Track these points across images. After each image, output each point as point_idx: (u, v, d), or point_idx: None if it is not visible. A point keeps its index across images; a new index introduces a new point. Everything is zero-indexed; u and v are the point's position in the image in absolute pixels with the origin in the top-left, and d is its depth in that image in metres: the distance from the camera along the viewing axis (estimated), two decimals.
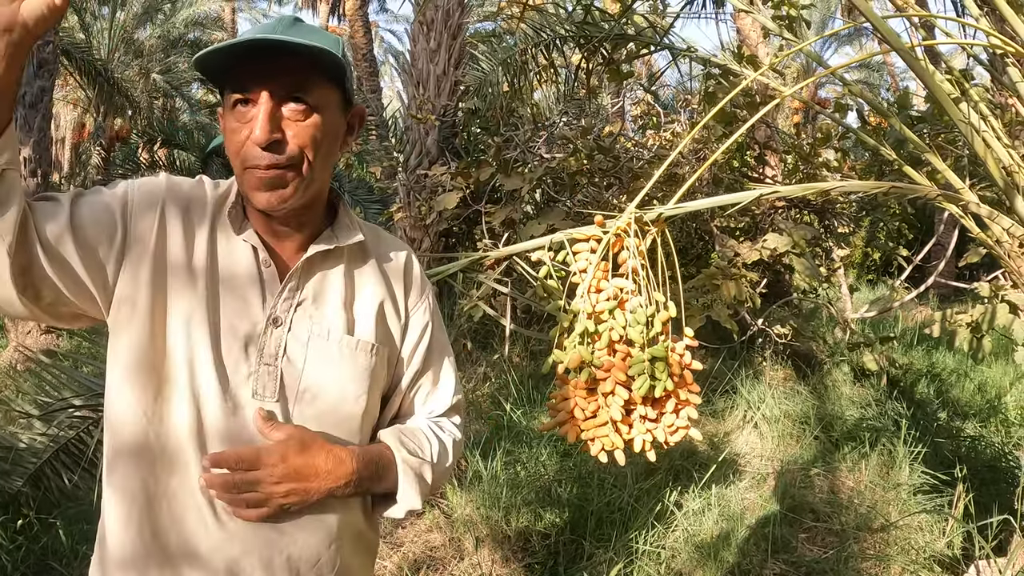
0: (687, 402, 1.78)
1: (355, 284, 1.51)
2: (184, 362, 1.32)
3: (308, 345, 1.41)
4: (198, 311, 1.34)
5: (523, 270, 2.54)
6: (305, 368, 1.40)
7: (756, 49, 9.59)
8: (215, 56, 1.29)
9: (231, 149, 1.35)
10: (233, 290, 1.38)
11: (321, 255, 1.45)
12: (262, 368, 1.37)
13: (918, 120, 4.65)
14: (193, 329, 1.33)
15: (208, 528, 1.33)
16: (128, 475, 1.33)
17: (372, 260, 1.54)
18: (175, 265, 1.35)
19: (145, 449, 1.32)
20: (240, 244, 1.41)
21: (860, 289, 14.86)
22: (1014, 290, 4.10)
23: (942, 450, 5.37)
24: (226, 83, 1.35)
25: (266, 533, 1.36)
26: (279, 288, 1.41)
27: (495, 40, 9.52)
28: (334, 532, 1.44)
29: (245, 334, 1.37)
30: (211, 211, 1.42)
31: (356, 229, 1.51)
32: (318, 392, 1.41)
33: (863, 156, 10.43)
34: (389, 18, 58.20)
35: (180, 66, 19.75)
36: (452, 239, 8.93)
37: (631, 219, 1.85)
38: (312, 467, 1.33)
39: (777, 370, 7.47)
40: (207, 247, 1.38)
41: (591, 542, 4.03)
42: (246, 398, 1.36)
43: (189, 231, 1.38)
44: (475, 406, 6.33)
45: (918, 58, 2.33)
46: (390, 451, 1.49)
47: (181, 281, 1.35)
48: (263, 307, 1.40)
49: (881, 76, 27.41)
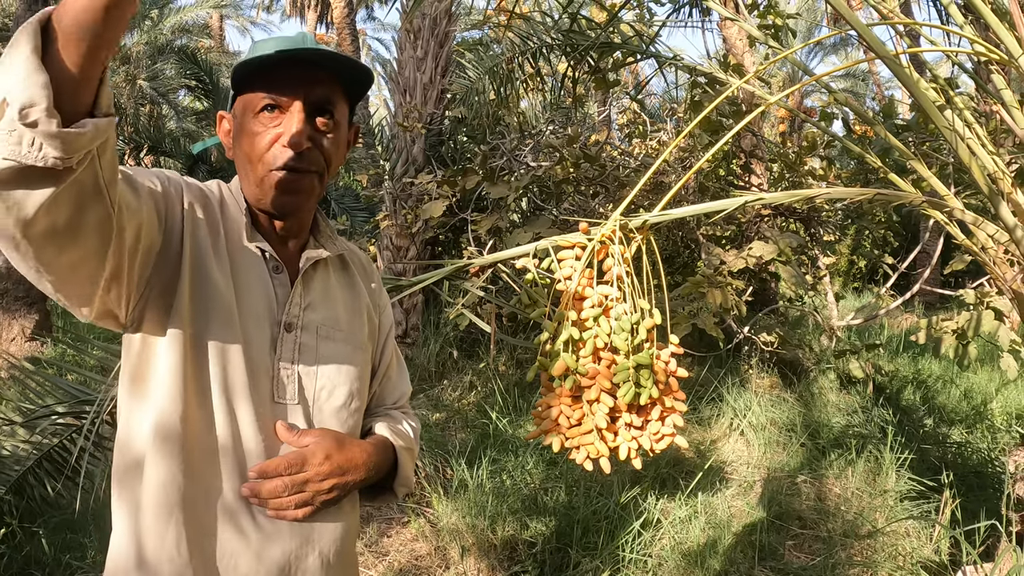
0: (673, 409, 1.77)
1: (344, 288, 1.58)
2: (219, 371, 1.34)
3: (319, 347, 1.47)
4: (228, 319, 1.36)
5: (508, 278, 2.53)
6: (319, 369, 1.46)
7: (742, 58, 9.62)
8: (254, 63, 1.36)
9: (251, 151, 1.40)
10: (250, 296, 1.41)
11: (314, 255, 1.51)
12: (282, 372, 1.41)
13: (903, 128, 4.67)
14: (225, 336, 1.35)
15: (246, 533, 1.36)
16: (158, 484, 1.31)
17: (351, 266, 1.63)
18: (204, 272, 1.37)
19: (180, 456, 1.32)
20: (248, 250, 1.43)
21: (846, 297, 14.92)
22: (999, 296, 4.13)
23: (928, 456, 5.38)
24: (252, 87, 1.40)
25: (300, 531, 1.41)
26: (290, 293, 1.45)
27: (482, 48, 9.52)
28: (348, 523, 1.52)
29: (266, 340, 1.41)
30: (218, 216, 1.45)
31: (335, 237, 1.60)
32: (332, 390, 1.48)
33: (849, 165, 10.49)
34: (376, 26, 58.50)
35: (167, 73, 19.71)
36: (438, 247, 8.93)
37: (616, 226, 1.85)
38: (351, 461, 1.43)
39: (763, 378, 7.47)
40: (227, 253, 1.41)
41: (577, 550, 4.01)
42: (268, 402, 1.40)
43: (212, 237, 1.41)
44: (461, 415, 6.31)
45: (903, 66, 2.34)
46: (388, 441, 1.58)
47: (212, 286, 1.36)
48: (277, 312, 1.43)
49: (867, 85, 27.61)
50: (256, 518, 1.37)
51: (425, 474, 4.81)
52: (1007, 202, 2.76)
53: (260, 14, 34.13)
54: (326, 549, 1.45)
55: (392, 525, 4.45)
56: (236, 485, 1.35)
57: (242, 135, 1.41)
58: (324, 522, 1.44)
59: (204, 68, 13.36)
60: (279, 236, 1.49)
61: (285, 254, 1.49)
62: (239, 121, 1.43)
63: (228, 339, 1.35)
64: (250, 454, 1.36)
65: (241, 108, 1.42)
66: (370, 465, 1.48)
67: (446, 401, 6.71)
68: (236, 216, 1.45)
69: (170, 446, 1.30)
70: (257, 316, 1.40)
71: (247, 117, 1.40)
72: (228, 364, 1.34)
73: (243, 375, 1.35)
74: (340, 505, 1.47)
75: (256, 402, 1.36)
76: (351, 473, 1.43)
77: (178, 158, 13.37)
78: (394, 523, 4.47)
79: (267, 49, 1.38)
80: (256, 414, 1.36)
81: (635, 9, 5.76)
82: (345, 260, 1.62)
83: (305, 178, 1.41)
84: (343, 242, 1.65)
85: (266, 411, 1.38)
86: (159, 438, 1.30)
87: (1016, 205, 2.80)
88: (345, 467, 1.42)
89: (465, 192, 7.02)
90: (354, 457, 1.44)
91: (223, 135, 1.52)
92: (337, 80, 1.44)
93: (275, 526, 1.38)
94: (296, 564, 1.40)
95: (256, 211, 1.47)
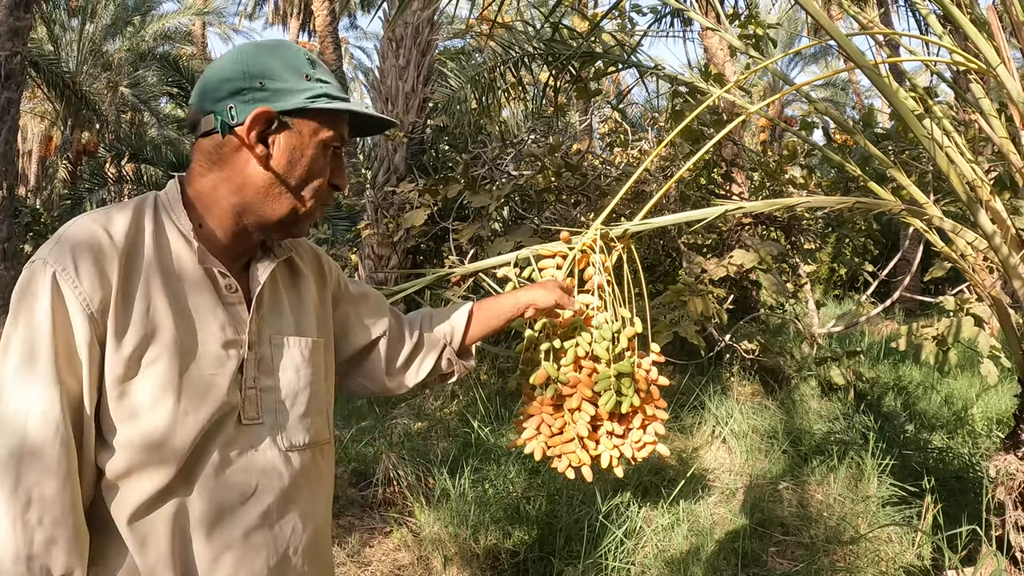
0: (654, 417, 1.78)
1: (290, 286, 1.53)
2: (183, 420, 1.29)
3: (274, 358, 1.43)
4: (185, 370, 1.30)
5: (489, 286, 2.53)
6: (279, 382, 1.43)
7: (723, 67, 9.68)
8: (339, 109, 1.39)
9: (312, 180, 1.40)
10: (203, 331, 1.34)
11: (264, 267, 1.45)
12: (246, 394, 1.37)
13: (883, 137, 4.71)
14: (191, 392, 1.30)
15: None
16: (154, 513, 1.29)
17: (295, 259, 1.56)
18: (149, 329, 1.29)
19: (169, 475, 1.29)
20: (193, 275, 1.35)
21: (826, 304, 14.97)
22: (979, 303, 4.16)
23: (910, 462, 5.40)
24: (320, 119, 1.39)
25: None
26: (247, 314, 1.39)
27: (464, 58, 9.56)
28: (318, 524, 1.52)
29: (228, 373, 1.35)
30: (142, 252, 1.32)
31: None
32: (295, 398, 1.44)
33: (829, 173, 10.55)
34: (359, 35, 58.34)
35: (149, 80, 19.61)
36: (420, 256, 8.93)
37: (597, 235, 1.85)
38: None
39: (745, 385, 7.49)
40: (164, 293, 1.31)
41: (560, 559, 4.00)
42: (235, 426, 1.36)
43: (143, 289, 1.30)
44: (443, 424, 6.30)
45: (883, 76, 2.35)
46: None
47: (162, 345, 1.29)
48: (236, 334, 1.37)
49: (846, 94, 27.80)
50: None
51: (407, 483, 4.79)
52: (986, 209, 2.78)
53: (242, 22, 34.03)
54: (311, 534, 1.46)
55: (374, 535, 4.43)
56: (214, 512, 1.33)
57: (302, 157, 1.37)
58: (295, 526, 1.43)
59: (186, 75, 13.32)
60: (226, 246, 1.41)
61: (235, 268, 1.42)
62: (299, 142, 1.36)
63: (195, 399, 1.30)
64: (226, 484, 1.34)
65: (304, 132, 1.36)
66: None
67: (427, 410, 6.69)
68: (175, 238, 1.36)
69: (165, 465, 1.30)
70: (219, 356, 1.34)
71: (314, 144, 1.38)
72: (195, 409, 1.30)
73: (209, 414, 1.31)
74: (314, 504, 1.47)
75: (223, 437, 1.33)
76: None
77: (159, 165, 13.31)
78: (376, 533, 4.45)
79: (335, 87, 1.40)
80: (224, 443, 1.33)
81: (617, 19, 5.79)
82: (291, 259, 1.55)
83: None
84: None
85: (234, 436, 1.35)
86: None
87: (994, 212, 2.82)
88: None
89: (447, 201, 7.01)
90: None
91: (249, 131, 1.33)
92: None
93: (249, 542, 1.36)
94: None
95: (209, 220, 1.38)
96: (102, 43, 19.20)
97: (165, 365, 1.27)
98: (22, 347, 1.21)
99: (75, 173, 18.94)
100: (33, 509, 1.18)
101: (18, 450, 1.18)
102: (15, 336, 1.22)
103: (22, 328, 1.21)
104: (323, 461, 1.52)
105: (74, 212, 13.57)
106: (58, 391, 1.20)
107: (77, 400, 1.23)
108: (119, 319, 1.25)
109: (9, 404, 1.20)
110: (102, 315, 1.24)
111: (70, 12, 18.68)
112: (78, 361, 1.23)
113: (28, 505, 1.18)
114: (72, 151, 19.06)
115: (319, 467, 1.50)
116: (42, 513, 1.18)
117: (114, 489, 1.28)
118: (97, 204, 14.54)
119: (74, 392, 1.23)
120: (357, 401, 6.93)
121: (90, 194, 14.19)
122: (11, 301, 1.25)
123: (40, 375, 1.20)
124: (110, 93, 18.73)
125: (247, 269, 1.44)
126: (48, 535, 1.19)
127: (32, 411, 1.19)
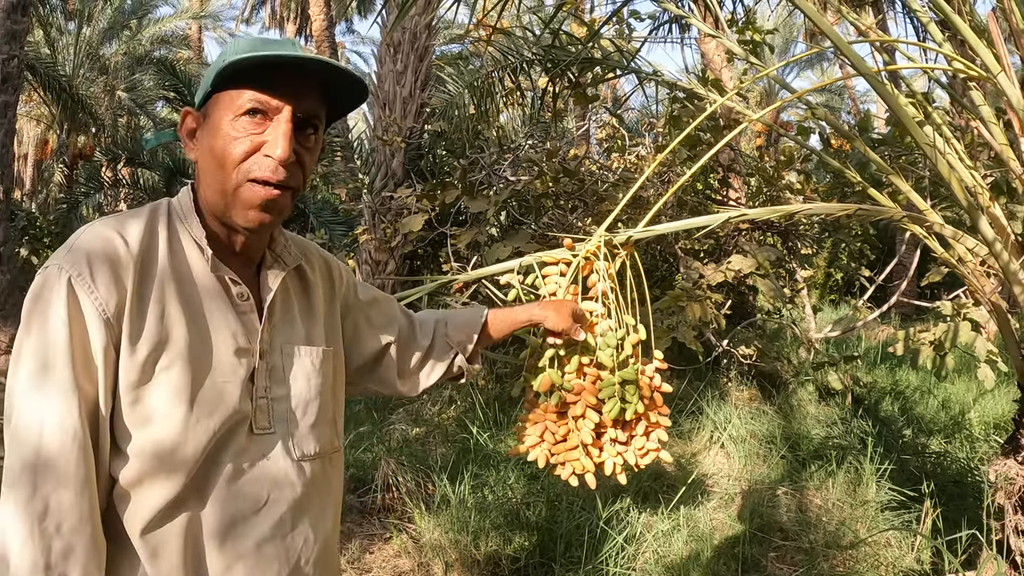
0: (657, 424, 1.78)
1: (301, 295, 1.51)
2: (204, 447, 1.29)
3: (285, 368, 1.41)
4: (199, 381, 1.29)
5: (490, 293, 2.53)
6: (291, 391, 1.41)
7: (720, 73, 9.69)
8: (255, 61, 1.24)
9: (225, 155, 1.28)
10: (216, 338, 1.32)
11: (274, 275, 1.43)
12: (257, 403, 1.36)
13: (879, 142, 4.72)
14: (202, 406, 1.29)
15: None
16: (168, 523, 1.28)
17: (305, 268, 1.53)
18: (158, 353, 1.27)
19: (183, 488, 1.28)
20: (207, 283, 1.34)
21: (824, 309, 14.98)
22: (976, 308, 4.17)
23: (908, 467, 5.40)
24: (236, 85, 1.28)
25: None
26: (259, 322, 1.38)
27: (462, 63, 9.56)
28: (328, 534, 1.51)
29: (239, 382, 1.33)
30: (156, 257, 1.31)
31: (290, 244, 1.50)
32: (306, 408, 1.43)
33: (826, 178, 10.57)
34: (356, 39, 58.42)
35: (145, 84, 19.59)
36: (417, 261, 8.93)
37: (600, 242, 1.86)
38: None
39: (743, 390, 7.50)
40: (178, 302, 1.30)
41: (561, 565, 4.00)
42: (247, 436, 1.35)
43: (158, 292, 1.29)
44: (441, 429, 6.29)
45: (884, 82, 2.36)
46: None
47: (173, 356, 1.27)
48: (248, 343, 1.36)
49: (842, 99, 27.87)
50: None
51: (406, 489, 4.79)
52: (986, 216, 2.79)
53: (239, 26, 34.01)
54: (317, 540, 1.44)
55: (374, 541, 4.42)
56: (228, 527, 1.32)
57: (215, 135, 1.28)
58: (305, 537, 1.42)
59: (183, 79, 13.29)
60: (237, 253, 1.39)
61: (246, 275, 1.39)
62: (213, 119, 1.30)
63: (206, 406, 1.28)
64: (238, 494, 1.32)
65: (219, 106, 1.29)
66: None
67: (425, 415, 6.68)
68: (188, 246, 1.34)
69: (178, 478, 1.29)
70: (231, 364, 1.32)
71: (225, 116, 1.28)
72: (206, 418, 1.28)
73: (220, 422, 1.29)
74: (324, 513, 1.46)
75: (235, 447, 1.32)
76: None
77: (155, 169, 13.28)
78: (376, 539, 4.45)
79: (254, 48, 1.27)
80: (236, 453, 1.32)
81: (616, 25, 5.80)
82: (301, 268, 1.52)
83: (284, 195, 1.30)
84: (294, 244, 1.53)
85: (246, 446, 1.34)
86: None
87: (994, 218, 2.83)
88: None
89: (444, 206, 7.02)
90: None
91: (184, 133, 1.37)
92: (325, 92, 1.34)
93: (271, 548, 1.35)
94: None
95: (212, 225, 1.36)
96: (99, 47, 19.19)
97: (178, 372, 1.26)
98: (36, 355, 1.20)
99: (71, 177, 18.89)
100: (50, 517, 1.16)
101: (33, 459, 1.17)
102: (28, 343, 1.21)
103: (36, 335, 1.20)
104: (332, 470, 1.51)
105: (70, 216, 13.54)
106: (75, 396, 1.19)
107: (94, 405, 1.22)
108: (134, 324, 1.24)
109: (24, 414, 1.19)
110: (117, 320, 1.23)
111: (67, 16, 18.69)
112: (94, 366, 1.22)
113: (45, 513, 1.16)
114: (68, 155, 19.02)
115: (329, 477, 1.48)
116: (60, 521, 1.17)
117: (126, 499, 1.27)
118: (93, 208, 14.52)
119: (91, 397, 1.22)
120: (355, 407, 6.92)
121: (86, 198, 14.13)
122: (23, 308, 1.23)
123: (57, 381, 1.19)
124: (107, 97, 18.71)
125: (258, 276, 1.42)
126: (66, 543, 1.17)
127: (48, 419, 1.18)
